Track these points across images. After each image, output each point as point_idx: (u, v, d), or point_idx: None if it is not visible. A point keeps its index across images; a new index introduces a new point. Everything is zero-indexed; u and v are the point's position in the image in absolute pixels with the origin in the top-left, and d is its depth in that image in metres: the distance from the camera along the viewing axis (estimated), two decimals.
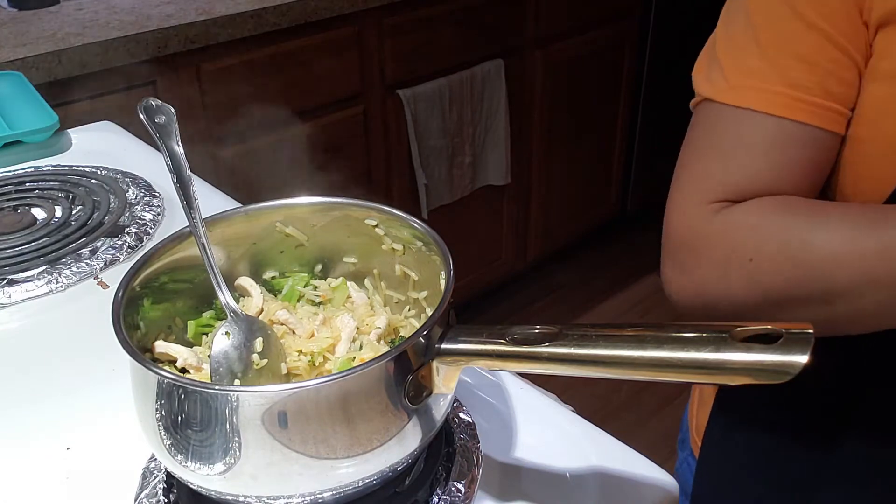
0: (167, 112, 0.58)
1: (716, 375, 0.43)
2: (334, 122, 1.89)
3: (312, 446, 0.46)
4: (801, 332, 0.41)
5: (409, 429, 0.49)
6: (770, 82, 0.60)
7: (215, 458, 0.46)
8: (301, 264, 0.64)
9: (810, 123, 0.59)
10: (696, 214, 0.62)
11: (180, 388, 0.46)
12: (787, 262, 0.58)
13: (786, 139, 0.60)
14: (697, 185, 0.63)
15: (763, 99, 0.60)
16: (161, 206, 0.94)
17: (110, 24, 1.55)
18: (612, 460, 0.59)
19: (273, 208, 0.62)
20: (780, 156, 0.60)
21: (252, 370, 0.53)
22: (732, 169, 0.61)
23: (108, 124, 1.21)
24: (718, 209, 0.62)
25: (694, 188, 0.63)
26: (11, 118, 1.12)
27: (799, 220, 0.59)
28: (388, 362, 0.46)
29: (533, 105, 2.35)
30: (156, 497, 0.55)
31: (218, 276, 0.56)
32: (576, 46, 2.37)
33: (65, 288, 0.80)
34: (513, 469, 0.59)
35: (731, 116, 0.61)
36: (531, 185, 2.46)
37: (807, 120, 0.59)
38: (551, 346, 0.46)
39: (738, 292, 0.61)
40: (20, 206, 0.94)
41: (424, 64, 2.02)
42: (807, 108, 0.59)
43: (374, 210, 0.61)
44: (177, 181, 0.56)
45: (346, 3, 1.78)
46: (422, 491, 0.54)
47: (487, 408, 0.64)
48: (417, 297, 0.61)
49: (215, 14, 1.60)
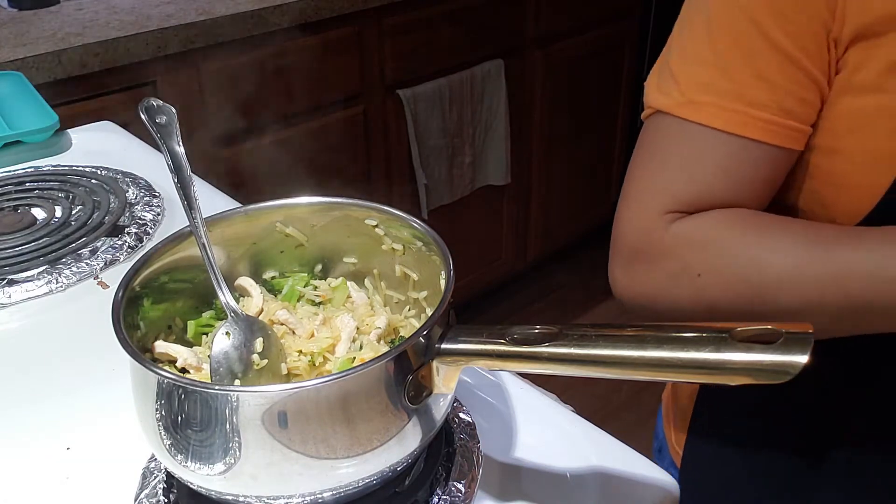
0: (168, 112, 0.58)
1: (716, 375, 0.43)
2: (334, 122, 1.89)
3: (312, 446, 0.46)
4: (801, 332, 0.41)
5: (409, 429, 0.49)
6: (727, 99, 0.60)
7: (215, 458, 0.46)
8: (301, 264, 0.64)
9: (766, 142, 0.60)
10: (648, 224, 0.63)
11: (180, 388, 0.46)
12: (735, 280, 0.59)
13: (741, 156, 0.60)
14: (652, 196, 0.63)
15: (719, 116, 0.60)
16: (161, 206, 0.94)
17: (110, 24, 1.55)
18: (612, 460, 0.59)
19: (273, 208, 0.62)
20: (735, 172, 0.61)
21: (252, 370, 0.53)
22: (687, 182, 0.62)
23: (108, 124, 1.21)
24: (671, 220, 0.62)
25: (648, 198, 0.63)
26: (11, 118, 1.12)
27: (750, 237, 0.59)
28: (388, 362, 0.46)
29: (533, 105, 2.35)
30: (156, 497, 0.55)
31: (218, 276, 0.56)
32: (576, 46, 2.37)
33: (65, 288, 0.80)
34: (513, 469, 0.59)
35: (687, 131, 0.61)
36: (531, 185, 2.46)
37: (763, 138, 0.59)
38: (551, 346, 0.46)
39: (685, 304, 0.62)
40: (20, 206, 0.94)
41: (424, 64, 2.02)
42: (763, 126, 0.59)
43: (374, 210, 0.61)
44: (177, 181, 0.57)
45: (346, 3, 1.78)
46: (422, 491, 0.54)
47: (487, 408, 0.64)
48: (417, 297, 0.61)
49: (215, 14, 1.60)
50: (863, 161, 0.59)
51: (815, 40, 0.58)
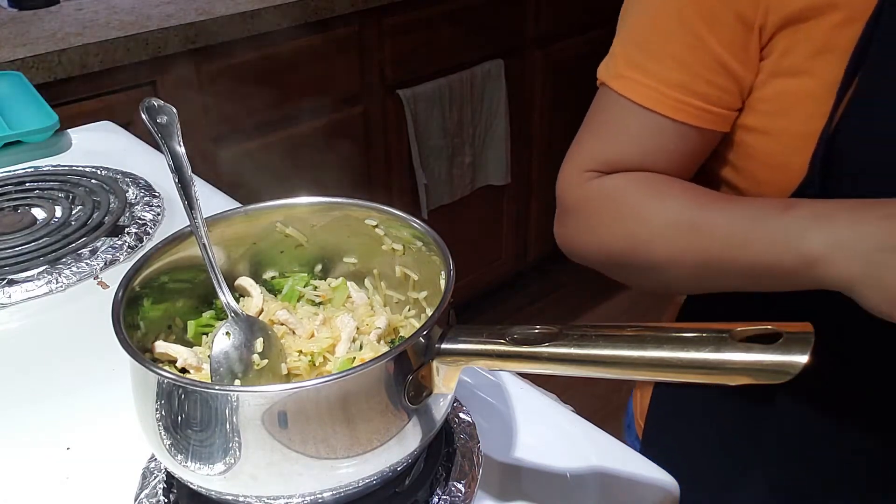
0: (169, 112, 0.58)
1: (716, 375, 0.43)
2: (334, 122, 1.89)
3: (312, 446, 0.46)
4: (801, 332, 0.41)
5: (409, 429, 0.49)
6: (646, 76, 0.66)
7: (215, 458, 0.46)
8: (301, 264, 0.64)
9: (673, 118, 0.66)
10: (572, 181, 0.71)
11: (180, 388, 0.46)
12: (622, 232, 0.68)
13: (651, 128, 0.67)
14: (578, 156, 0.71)
15: (637, 90, 0.66)
16: (161, 206, 0.94)
17: (110, 24, 1.55)
18: (612, 460, 0.59)
19: (273, 208, 0.62)
20: (647, 142, 0.67)
21: (252, 370, 0.53)
22: (605, 145, 0.70)
23: (108, 124, 1.21)
24: (590, 178, 0.70)
25: (576, 158, 0.71)
26: (11, 118, 1.12)
27: (642, 196, 0.67)
28: (388, 362, 0.46)
29: (533, 105, 2.35)
30: (156, 497, 0.55)
31: (219, 276, 0.56)
32: (576, 46, 2.37)
33: (65, 288, 0.80)
34: (513, 469, 0.59)
35: (614, 101, 0.68)
36: (531, 185, 2.46)
37: (671, 114, 0.65)
38: (551, 346, 0.46)
39: (591, 252, 0.71)
40: (20, 206, 0.95)
41: (424, 64, 2.02)
42: (673, 104, 0.65)
43: (374, 210, 0.61)
44: (178, 181, 0.56)
45: (346, 3, 1.78)
46: (422, 491, 0.54)
47: (487, 408, 0.64)
48: (417, 297, 0.61)
49: (215, 14, 1.60)
50: (789, 141, 0.64)
51: (733, 30, 0.63)
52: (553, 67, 2.34)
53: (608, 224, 0.68)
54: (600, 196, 0.69)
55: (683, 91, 0.65)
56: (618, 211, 0.68)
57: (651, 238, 0.65)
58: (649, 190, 0.67)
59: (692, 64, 0.64)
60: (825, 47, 0.61)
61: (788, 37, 0.62)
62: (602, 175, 0.69)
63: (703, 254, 0.62)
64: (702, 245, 0.62)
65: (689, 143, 0.67)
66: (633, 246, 0.67)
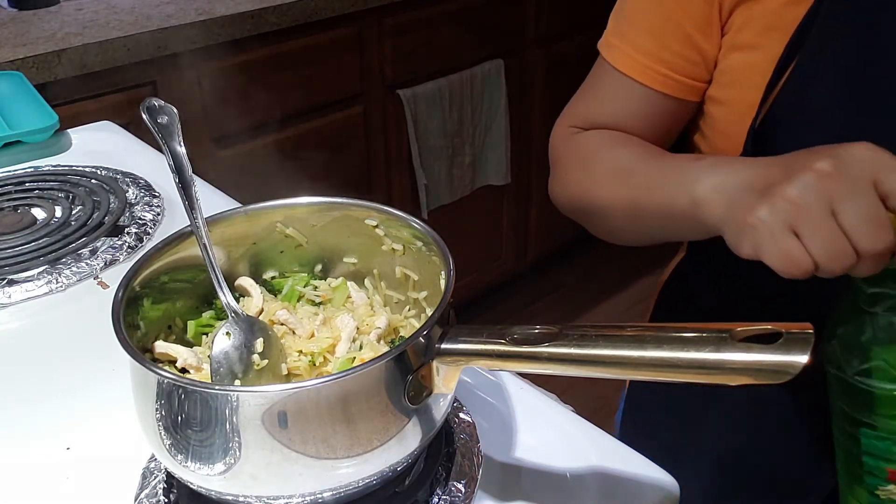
0: (170, 112, 0.58)
1: (716, 375, 0.43)
2: (334, 122, 1.89)
3: (312, 446, 0.46)
4: (801, 332, 0.41)
5: (409, 429, 0.49)
6: (625, 44, 0.73)
7: (215, 458, 0.46)
8: (301, 264, 0.64)
9: (643, 83, 0.72)
10: (558, 135, 0.80)
11: (180, 388, 0.46)
12: (576, 178, 0.76)
13: (625, 92, 0.74)
14: (567, 114, 0.80)
15: (616, 57, 0.74)
16: (161, 206, 0.94)
17: (110, 24, 1.55)
18: (612, 460, 0.59)
19: (273, 208, 0.62)
20: (619, 103, 0.75)
21: (252, 370, 0.53)
22: (586, 104, 0.78)
23: (108, 124, 1.21)
24: (573, 133, 0.78)
25: (566, 116, 0.80)
26: (11, 118, 1.12)
27: (598, 146, 0.74)
28: (388, 362, 0.46)
29: (533, 105, 2.35)
30: (156, 497, 0.55)
31: (219, 276, 0.56)
32: (576, 46, 2.37)
33: (65, 288, 0.80)
34: (513, 469, 0.59)
35: (600, 66, 0.77)
36: (531, 185, 2.46)
37: (641, 79, 0.72)
38: (551, 346, 0.46)
39: (563, 201, 0.78)
40: (20, 206, 0.94)
41: (424, 64, 2.02)
42: (643, 69, 0.72)
43: (374, 210, 0.61)
44: (179, 181, 0.56)
45: (346, 3, 1.78)
46: (422, 491, 0.54)
47: (487, 408, 0.64)
48: (417, 297, 0.61)
49: (215, 14, 1.60)
50: (737, 110, 0.69)
51: (696, 3, 0.69)
52: (553, 68, 2.34)
53: (570, 171, 0.77)
54: (572, 148, 0.77)
55: (653, 59, 0.71)
56: (578, 159, 0.76)
57: (594, 184, 0.73)
58: (605, 142, 0.74)
59: (663, 35, 0.71)
60: (774, 24, 0.65)
61: (743, 13, 0.67)
62: (581, 131, 0.78)
63: (631, 198, 0.69)
64: (630, 190, 0.69)
65: (654, 107, 0.73)
66: (582, 190, 0.74)
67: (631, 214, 0.69)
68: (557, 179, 0.79)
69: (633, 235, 0.75)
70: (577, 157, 0.76)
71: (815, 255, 0.51)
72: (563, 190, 0.78)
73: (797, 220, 0.51)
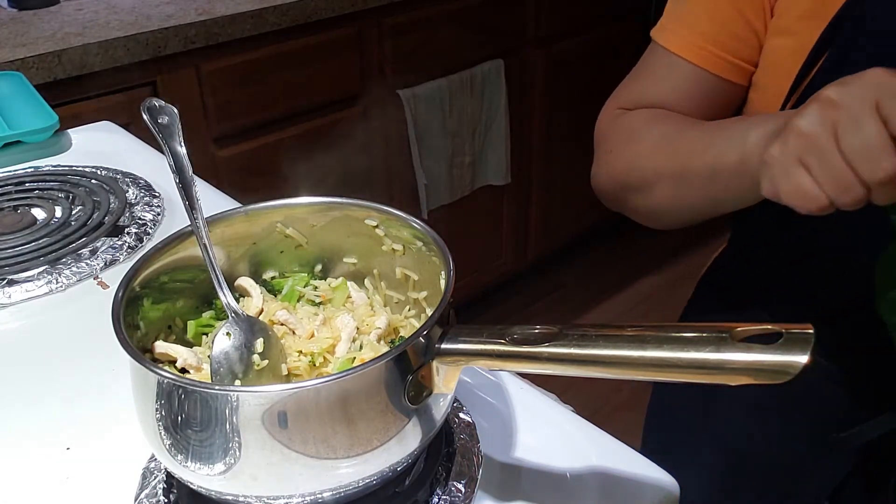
0: (170, 112, 0.58)
1: (716, 375, 0.43)
2: (334, 122, 1.89)
3: (312, 446, 0.46)
4: (801, 332, 0.41)
5: (409, 429, 0.49)
6: (681, 26, 0.74)
7: (215, 458, 0.46)
8: (301, 264, 0.64)
9: (696, 63, 0.73)
10: (605, 118, 0.81)
11: (180, 389, 0.46)
12: (622, 153, 0.76)
13: (677, 72, 0.74)
14: (615, 97, 0.81)
15: (671, 39, 0.75)
16: (161, 206, 0.94)
17: (110, 24, 1.55)
18: (612, 460, 0.59)
19: (273, 208, 0.62)
20: (671, 84, 0.75)
21: (252, 371, 0.53)
22: (637, 87, 0.79)
23: (108, 124, 1.21)
24: (620, 114, 0.79)
25: (613, 99, 0.81)
26: (11, 118, 1.12)
27: (645, 122, 0.75)
28: (388, 362, 0.46)
29: (533, 105, 2.35)
30: (156, 497, 0.55)
31: (219, 276, 0.56)
32: (576, 46, 2.37)
33: (65, 288, 0.80)
34: (513, 469, 0.59)
35: (652, 50, 0.77)
36: (531, 185, 2.46)
37: (695, 60, 0.73)
38: (551, 346, 0.46)
39: (606, 179, 0.79)
40: (20, 206, 0.94)
41: (424, 64, 2.02)
42: (698, 51, 0.73)
43: (374, 210, 0.61)
44: (179, 181, 0.56)
45: (346, 3, 1.78)
46: (422, 491, 0.54)
47: (487, 408, 0.64)
48: (417, 297, 0.61)
49: (215, 14, 1.60)
50: (772, 96, 0.70)
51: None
52: (553, 67, 2.34)
53: (615, 148, 0.77)
54: (618, 126, 0.78)
55: (709, 41, 0.72)
56: (624, 136, 0.76)
57: (640, 156, 0.73)
58: (652, 117, 0.75)
59: (722, 17, 0.71)
60: (814, 11, 0.65)
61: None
62: (628, 112, 0.78)
63: (679, 164, 0.68)
64: (678, 156, 0.69)
65: (705, 88, 0.74)
66: (629, 165, 0.74)
67: (677, 181, 0.69)
68: (601, 161, 0.79)
69: (676, 209, 0.73)
70: (623, 134, 0.77)
71: (825, 188, 0.51)
72: (607, 169, 0.78)
73: (806, 153, 0.51)
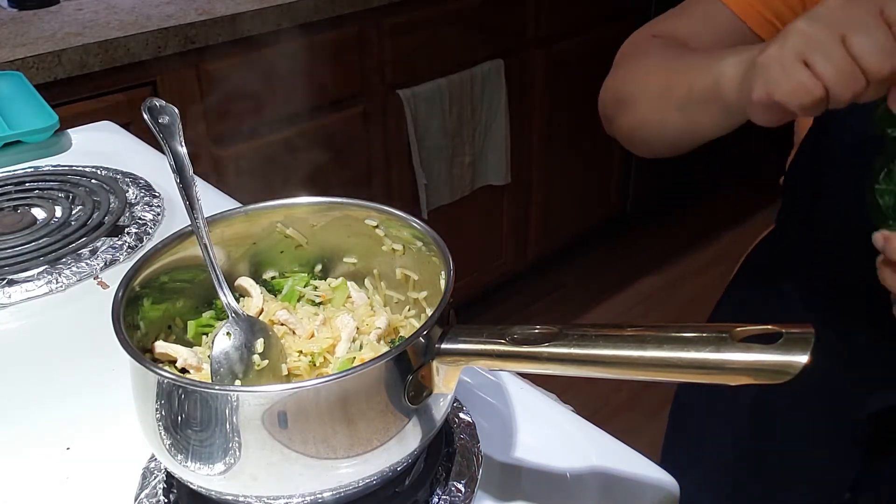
0: (170, 112, 0.58)
1: (716, 375, 0.43)
2: (334, 122, 1.89)
3: (312, 446, 0.46)
4: (801, 332, 0.41)
5: (409, 429, 0.49)
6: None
7: (215, 458, 0.46)
8: (301, 264, 0.64)
9: (742, 17, 0.74)
10: (634, 39, 0.83)
11: (180, 389, 0.46)
12: (630, 68, 0.79)
13: (720, 19, 0.75)
14: (648, 26, 0.83)
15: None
16: (161, 206, 0.94)
17: (110, 24, 1.55)
18: (612, 460, 0.59)
19: (273, 208, 0.62)
20: (709, 27, 0.77)
21: (253, 371, 0.53)
22: (672, 21, 0.81)
23: (108, 124, 1.21)
24: (649, 39, 0.80)
25: (651, 25, 0.83)
26: (11, 118, 1.12)
27: (658, 47, 0.77)
28: (388, 362, 0.46)
29: (533, 105, 2.35)
30: (156, 497, 0.55)
31: (220, 276, 0.56)
32: (576, 46, 2.37)
33: (65, 288, 0.80)
34: (513, 469, 0.59)
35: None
36: (531, 185, 2.46)
37: (741, 14, 0.74)
38: (551, 346, 0.46)
39: (607, 93, 0.81)
40: (20, 206, 0.94)
41: (424, 64, 2.02)
42: (746, 6, 0.74)
43: (374, 210, 0.61)
44: (179, 182, 0.56)
45: (346, 3, 1.78)
46: (422, 491, 0.54)
47: (487, 408, 0.64)
48: (417, 297, 0.61)
49: (215, 14, 1.60)
50: None
51: None
52: (553, 67, 2.34)
53: (623, 64, 0.80)
54: (640, 47, 0.80)
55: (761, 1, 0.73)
56: (638, 54, 0.79)
57: (638, 71, 0.77)
58: (667, 43, 0.77)
59: None
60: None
61: None
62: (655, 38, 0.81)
63: (663, 81, 0.72)
64: (664, 74, 0.72)
65: (739, 42, 0.73)
66: (627, 78, 0.78)
67: (658, 98, 0.72)
68: (611, 75, 0.82)
69: (654, 129, 0.76)
70: (637, 53, 0.79)
71: (826, 79, 0.53)
72: (611, 83, 0.81)
73: (808, 49, 0.53)
